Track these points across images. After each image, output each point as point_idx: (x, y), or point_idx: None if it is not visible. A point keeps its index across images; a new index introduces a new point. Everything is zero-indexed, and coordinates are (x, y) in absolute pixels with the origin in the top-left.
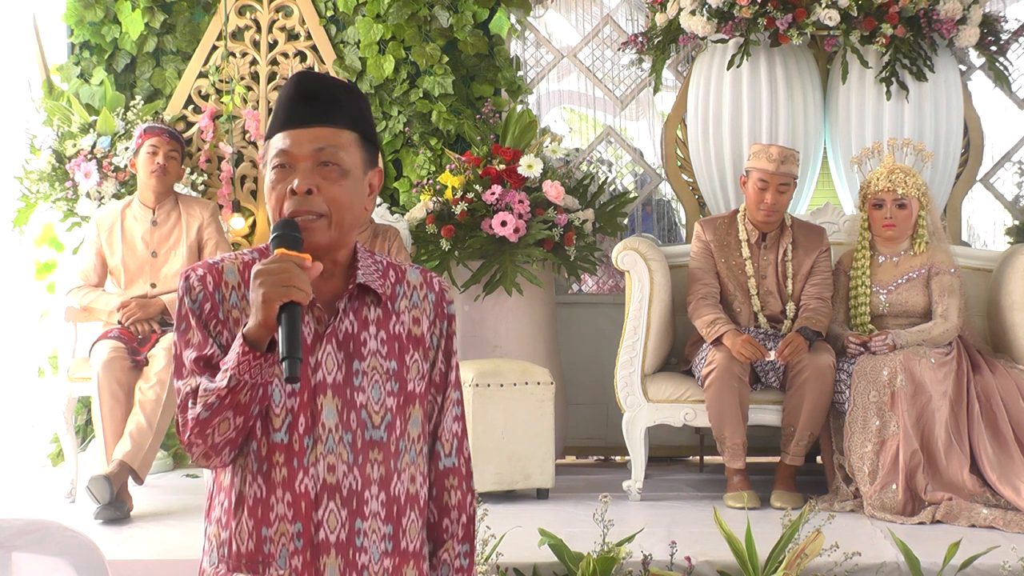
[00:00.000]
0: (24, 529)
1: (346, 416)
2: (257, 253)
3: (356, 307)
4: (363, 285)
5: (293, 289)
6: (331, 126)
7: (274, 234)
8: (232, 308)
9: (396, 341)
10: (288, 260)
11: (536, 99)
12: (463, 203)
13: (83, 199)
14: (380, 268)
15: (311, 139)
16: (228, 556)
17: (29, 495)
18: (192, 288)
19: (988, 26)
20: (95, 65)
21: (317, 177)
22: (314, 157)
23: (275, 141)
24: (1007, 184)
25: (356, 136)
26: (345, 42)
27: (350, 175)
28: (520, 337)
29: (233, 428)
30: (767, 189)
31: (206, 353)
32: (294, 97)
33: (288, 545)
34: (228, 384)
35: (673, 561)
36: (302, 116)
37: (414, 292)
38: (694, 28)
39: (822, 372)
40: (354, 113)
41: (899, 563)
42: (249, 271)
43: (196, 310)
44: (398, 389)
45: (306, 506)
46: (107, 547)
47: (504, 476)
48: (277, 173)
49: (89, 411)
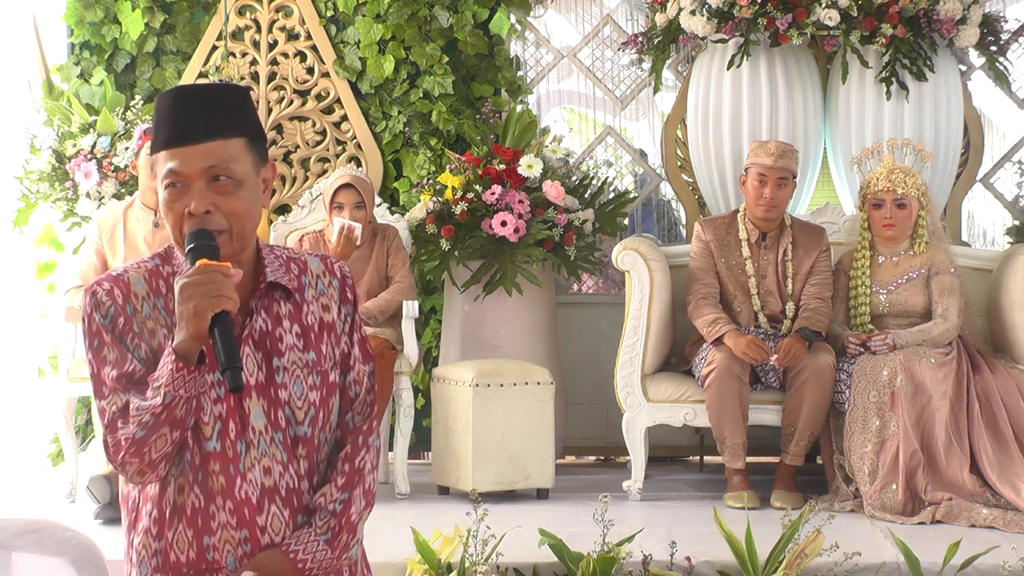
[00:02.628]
0: (24, 529)
1: (274, 415)
2: (159, 259)
3: (267, 304)
4: (272, 282)
5: (223, 298)
6: (218, 138)
7: (189, 246)
8: (146, 319)
9: (311, 331)
10: (212, 270)
11: (536, 99)
12: (463, 203)
13: (83, 199)
14: (282, 262)
15: (200, 156)
16: (164, 566)
17: (29, 495)
18: (101, 303)
19: (988, 26)
20: (95, 65)
21: (212, 194)
22: (206, 174)
23: (162, 158)
24: (1007, 184)
25: (244, 140)
26: (345, 42)
27: (244, 184)
28: (520, 337)
29: (170, 443)
30: (765, 184)
31: (127, 369)
32: (175, 113)
33: (235, 551)
34: (163, 401)
35: (673, 561)
36: (186, 132)
37: (318, 280)
38: (694, 28)
39: (822, 372)
40: (236, 116)
41: (899, 563)
42: (156, 279)
43: (108, 326)
44: (320, 382)
45: (249, 512)
46: (107, 547)
47: (504, 476)
48: (170, 193)
49: (89, 411)
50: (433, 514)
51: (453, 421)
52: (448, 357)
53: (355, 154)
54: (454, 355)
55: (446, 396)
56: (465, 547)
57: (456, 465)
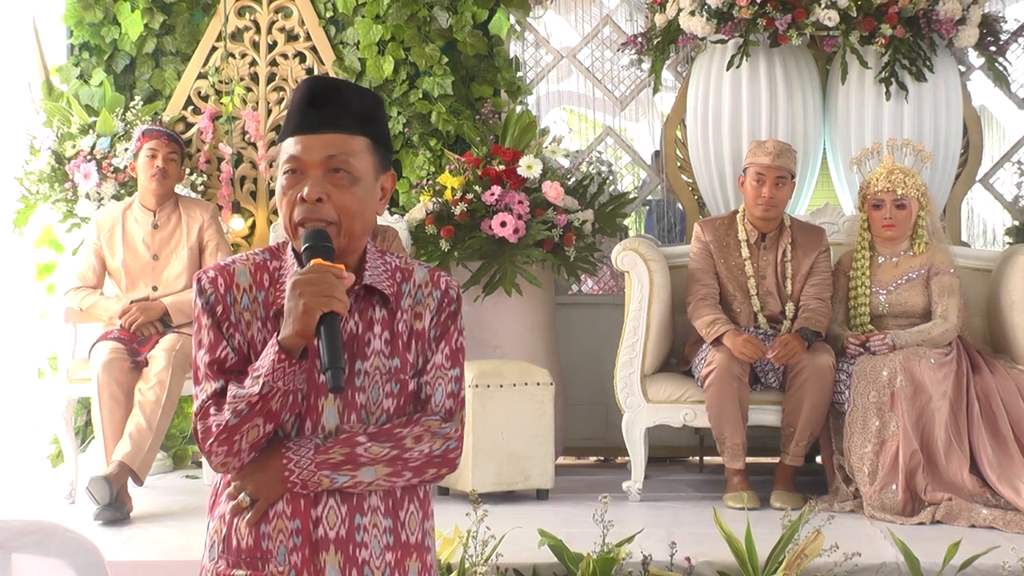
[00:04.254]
0: (24, 530)
1: (346, 416)
2: (268, 253)
3: (362, 308)
4: (369, 286)
5: (333, 299)
6: (342, 132)
7: (306, 244)
8: (244, 311)
9: (399, 339)
10: (326, 270)
11: (536, 100)
12: (462, 204)
13: (83, 200)
14: (388, 269)
15: (322, 146)
16: (227, 552)
17: (28, 496)
18: (204, 290)
19: (987, 26)
20: (94, 66)
21: (327, 184)
22: (324, 164)
23: (286, 146)
24: (1006, 184)
25: (368, 141)
26: (344, 43)
27: (361, 182)
28: (520, 338)
29: (261, 434)
30: (764, 183)
31: (219, 356)
32: (305, 102)
33: (287, 542)
34: (261, 391)
35: (673, 562)
36: (313, 122)
37: (419, 290)
38: (693, 29)
39: (822, 372)
40: (366, 118)
41: (899, 563)
42: (261, 273)
43: (208, 311)
44: (398, 390)
45: (304, 503)
46: (107, 548)
47: (504, 476)
48: (288, 179)
49: (89, 412)
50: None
51: None
52: None
53: None
54: None
55: None
56: (465, 548)
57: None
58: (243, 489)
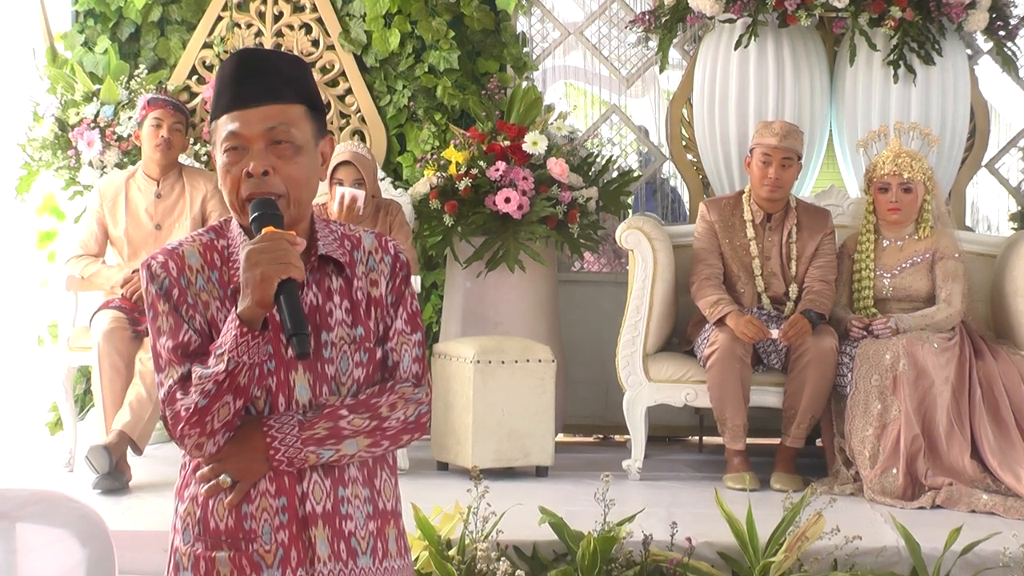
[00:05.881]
0: (29, 500)
1: (318, 389)
2: (213, 233)
3: (319, 278)
4: (324, 255)
5: (289, 265)
6: (279, 102)
7: (254, 214)
8: (200, 291)
9: (359, 307)
10: (278, 238)
11: (541, 74)
12: (467, 179)
13: (85, 168)
14: (337, 237)
15: (261, 118)
16: (204, 534)
17: (27, 464)
18: (156, 276)
19: (997, 11)
20: (99, 34)
21: (271, 157)
22: (266, 137)
23: (223, 123)
24: (1012, 170)
25: (304, 108)
26: (351, 15)
27: (303, 150)
28: (522, 314)
29: (232, 412)
30: (770, 164)
31: (182, 340)
32: (238, 76)
33: (272, 520)
34: (227, 367)
35: (673, 542)
36: (248, 95)
37: (370, 256)
38: (702, 7)
39: (824, 355)
40: (300, 85)
41: (899, 547)
42: (210, 253)
43: (164, 296)
44: (367, 359)
45: (289, 480)
46: (106, 517)
47: (504, 453)
48: (230, 156)
49: (88, 380)
50: (432, 490)
51: (454, 397)
52: (449, 333)
53: (359, 127)
54: (455, 331)
55: (447, 372)
56: (465, 524)
57: (456, 441)
58: (223, 471)
